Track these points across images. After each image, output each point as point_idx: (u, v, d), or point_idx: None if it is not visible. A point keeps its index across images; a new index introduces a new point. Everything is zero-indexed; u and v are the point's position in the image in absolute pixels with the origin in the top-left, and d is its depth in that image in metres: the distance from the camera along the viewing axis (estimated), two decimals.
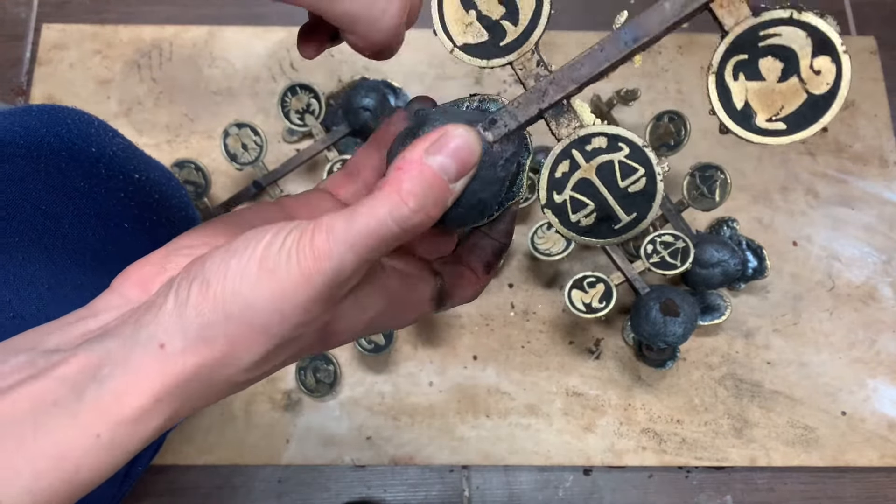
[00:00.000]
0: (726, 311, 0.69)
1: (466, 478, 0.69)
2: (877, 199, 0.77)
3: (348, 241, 0.24)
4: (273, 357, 0.26)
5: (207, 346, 0.25)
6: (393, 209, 0.24)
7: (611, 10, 0.90)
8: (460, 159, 0.25)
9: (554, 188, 0.29)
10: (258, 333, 0.25)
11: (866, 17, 0.85)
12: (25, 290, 0.39)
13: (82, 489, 0.24)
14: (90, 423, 0.24)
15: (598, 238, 0.29)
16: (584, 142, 0.29)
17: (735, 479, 0.70)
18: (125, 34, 0.80)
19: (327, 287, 0.24)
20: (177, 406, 0.25)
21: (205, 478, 0.68)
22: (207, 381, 0.25)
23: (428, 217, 0.25)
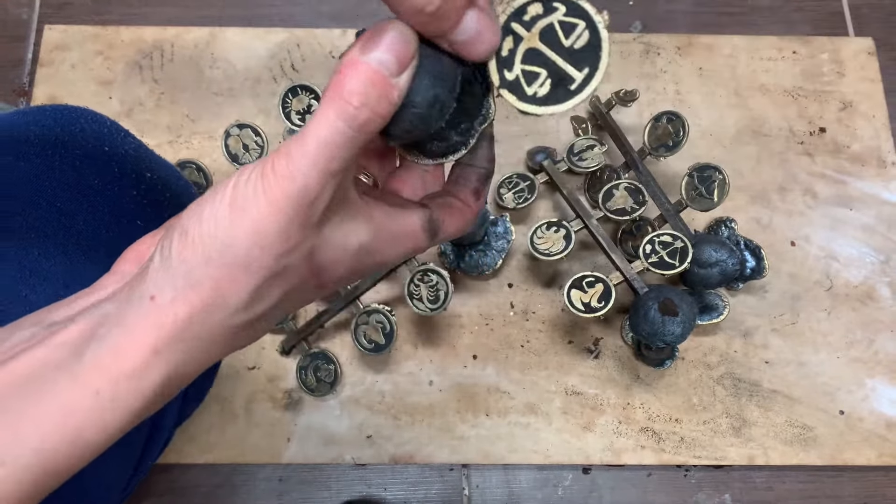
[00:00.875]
0: (725, 310, 0.69)
1: (466, 476, 0.69)
2: (875, 200, 0.78)
3: (306, 157, 0.24)
4: (264, 294, 0.26)
5: (195, 291, 0.25)
6: (339, 112, 0.24)
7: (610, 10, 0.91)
8: (396, 51, 0.25)
9: (504, 67, 0.29)
10: (240, 271, 0.25)
11: (864, 18, 0.86)
12: (41, 286, 0.40)
13: (89, 450, 0.25)
14: (90, 382, 0.24)
15: (559, 103, 0.29)
16: (521, 13, 0.29)
17: (733, 478, 0.70)
18: (126, 35, 0.81)
19: (298, 209, 0.24)
20: (177, 359, 0.25)
21: (206, 477, 0.68)
22: (203, 329, 0.26)
23: (375, 114, 0.25)
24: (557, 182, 0.70)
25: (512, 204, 0.71)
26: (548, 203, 0.77)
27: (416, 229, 0.30)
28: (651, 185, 0.69)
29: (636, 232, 0.73)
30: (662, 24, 0.85)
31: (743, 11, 0.86)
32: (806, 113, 0.81)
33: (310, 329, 0.68)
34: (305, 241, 0.26)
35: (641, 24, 0.85)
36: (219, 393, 0.69)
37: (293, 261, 0.26)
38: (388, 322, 0.66)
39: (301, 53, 0.81)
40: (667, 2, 0.86)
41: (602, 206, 0.68)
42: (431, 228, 0.31)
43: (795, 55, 0.83)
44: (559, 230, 0.67)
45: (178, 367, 0.26)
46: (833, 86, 0.82)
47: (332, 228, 0.27)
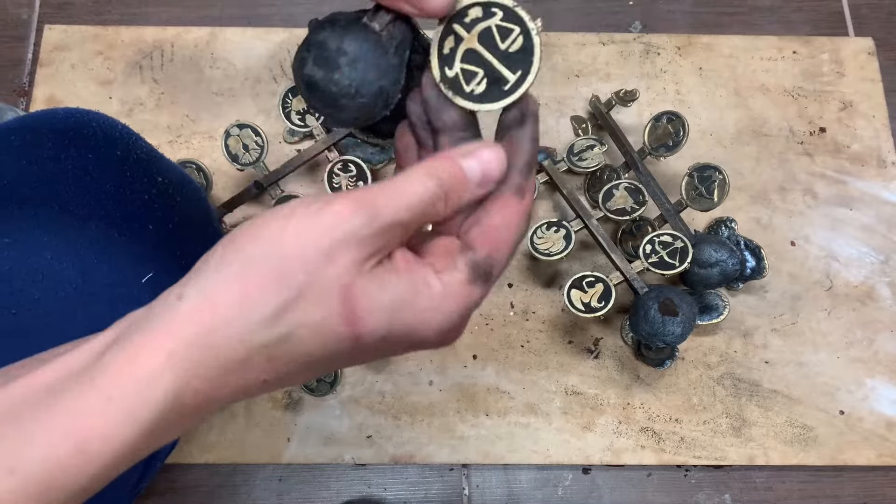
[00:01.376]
0: (725, 310, 0.69)
1: (466, 476, 0.69)
2: (875, 200, 0.78)
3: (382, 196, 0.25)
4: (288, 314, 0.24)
5: (223, 294, 0.24)
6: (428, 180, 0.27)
7: (610, 10, 0.91)
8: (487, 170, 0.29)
9: (445, 64, 0.31)
10: (271, 279, 0.24)
11: (864, 18, 0.86)
12: (53, 289, 0.40)
13: (97, 464, 0.23)
14: (104, 386, 0.23)
15: (493, 101, 0.31)
16: (463, 15, 0.31)
17: (733, 478, 0.70)
18: (127, 35, 0.81)
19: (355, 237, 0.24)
20: (190, 369, 0.24)
21: (206, 477, 0.68)
22: (221, 339, 0.24)
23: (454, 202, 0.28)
24: (557, 182, 0.70)
25: None
26: (548, 203, 0.77)
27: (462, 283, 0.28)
28: (651, 185, 0.69)
29: (636, 232, 0.73)
30: (662, 24, 0.85)
31: (743, 11, 0.86)
32: (806, 113, 0.81)
33: None
34: (346, 273, 0.25)
35: (641, 24, 0.85)
36: None
37: (327, 287, 0.25)
38: None
39: None
40: (667, 2, 0.86)
41: (602, 206, 0.68)
42: (480, 273, 0.29)
43: (795, 55, 0.83)
44: (559, 230, 0.67)
45: (191, 380, 0.24)
46: (833, 86, 0.82)
47: (372, 276, 0.26)
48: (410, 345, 0.28)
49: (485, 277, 0.29)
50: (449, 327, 0.28)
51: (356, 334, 0.26)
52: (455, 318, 0.28)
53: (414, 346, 0.28)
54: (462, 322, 0.29)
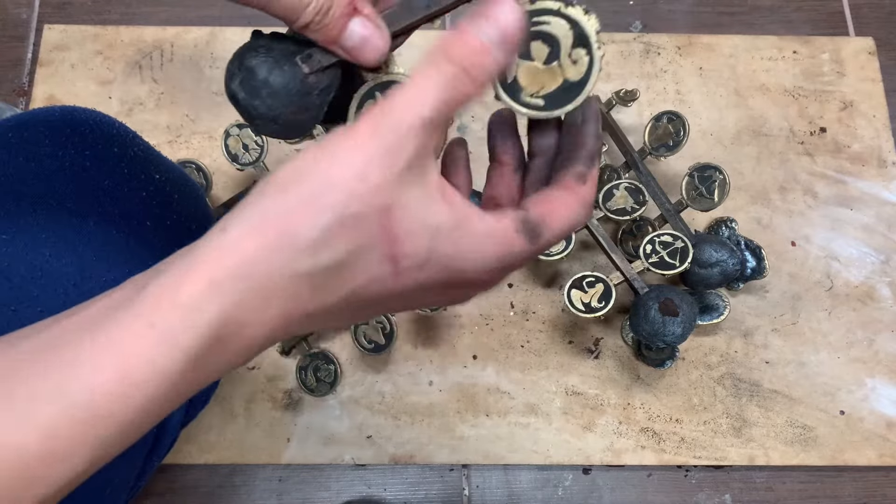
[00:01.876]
0: (725, 310, 0.69)
1: (466, 477, 0.69)
2: (875, 200, 0.78)
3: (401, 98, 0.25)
4: (332, 240, 0.24)
5: (265, 223, 0.24)
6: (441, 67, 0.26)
7: (610, 10, 0.91)
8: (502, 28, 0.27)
9: None
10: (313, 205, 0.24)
11: (864, 18, 0.86)
12: (52, 285, 0.40)
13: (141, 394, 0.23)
14: (146, 313, 0.23)
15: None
16: (385, 86, 0.33)
17: (734, 478, 0.70)
18: (126, 35, 0.81)
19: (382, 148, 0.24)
20: (234, 300, 0.24)
21: (206, 477, 0.68)
22: (267, 268, 0.24)
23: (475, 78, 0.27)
24: None
25: None
26: None
27: (507, 229, 0.27)
28: (651, 184, 0.69)
29: (636, 232, 0.73)
30: (662, 24, 0.85)
31: (743, 11, 0.86)
32: (806, 113, 0.80)
33: None
34: (382, 190, 0.24)
35: (641, 23, 0.85)
36: (219, 393, 0.69)
37: (366, 209, 0.24)
38: (388, 322, 0.66)
39: None
40: (667, 2, 0.86)
41: (602, 206, 0.67)
42: (528, 228, 0.28)
43: (796, 55, 0.83)
44: None
45: (235, 311, 0.24)
46: (833, 86, 0.82)
47: (411, 195, 0.25)
48: (450, 281, 0.27)
49: (532, 234, 0.28)
50: (487, 269, 0.28)
51: (395, 254, 0.26)
52: (494, 263, 0.28)
53: (453, 285, 0.28)
54: (502, 270, 0.28)
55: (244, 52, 0.33)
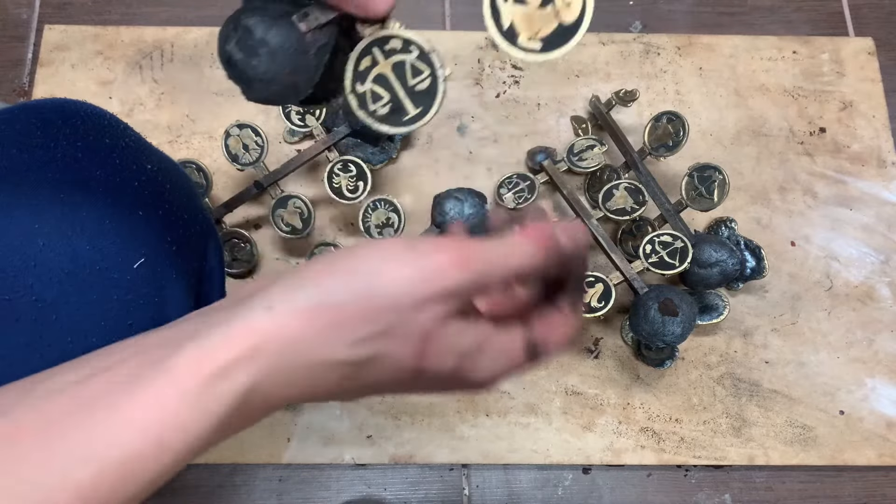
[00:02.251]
0: (725, 310, 0.69)
1: (466, 476, 0.69)
2: (875, 200, 0.78)
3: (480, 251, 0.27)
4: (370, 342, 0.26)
5: (322, 310, 0.25)
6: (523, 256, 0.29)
7: (610, 10, 0.91)
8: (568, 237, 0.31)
9: (357, 79, 0.34)
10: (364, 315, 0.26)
11: (864, 19, 0.86)
12: (46, 275, 0.40)
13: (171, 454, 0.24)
14: (181, 379, 0.24)
15: (391, 125, 0.34)
16: (384, 41, 0.33)
17: (733, 478, 0.70)
18: (126, 35, 0.81)
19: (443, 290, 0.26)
20: (268, 373, 0.25)
21: (206, 477, 0.68)
22: (308, 352, 0.25)
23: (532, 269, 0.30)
24: (557, 182, 0.70)
25: (512, 204, 0.71)
26: (548, 203, 0.77)
27: (516, 347, 0.31)
28: (651, 185, 0.69)
29: (636, 232, 0.73)
30: (662, 24, 0.85)
31: (743, 11, 0.86)
32: (806, 113, 0.81)
33: None
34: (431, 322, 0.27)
35: (641, 24, 0.85)
36: None
37: (411, 329, 0.27)
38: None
39: None
40: (667, 2, 0.86)
41: (602, 206, 0.68)
42: (532, 351, 0.31)
43: (795, 55, 0.83)
44: None
45: (265, 383, 0.25)
46: (833, 86, 0.82)
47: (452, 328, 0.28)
48: (458, 385, 0.31)
49: (533, 355, 0.31)
50: (491, 381, 0.31)
51: (421, 369, 0.28)
52: (499, 376, 0.31)
53: (457, 388, 0.31)
54: (501, 380, 0.32)
55: (240, 13, 0.33)
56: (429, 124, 0.74)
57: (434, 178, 0.77)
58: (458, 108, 0.79)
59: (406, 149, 0.78)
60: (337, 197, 0.67)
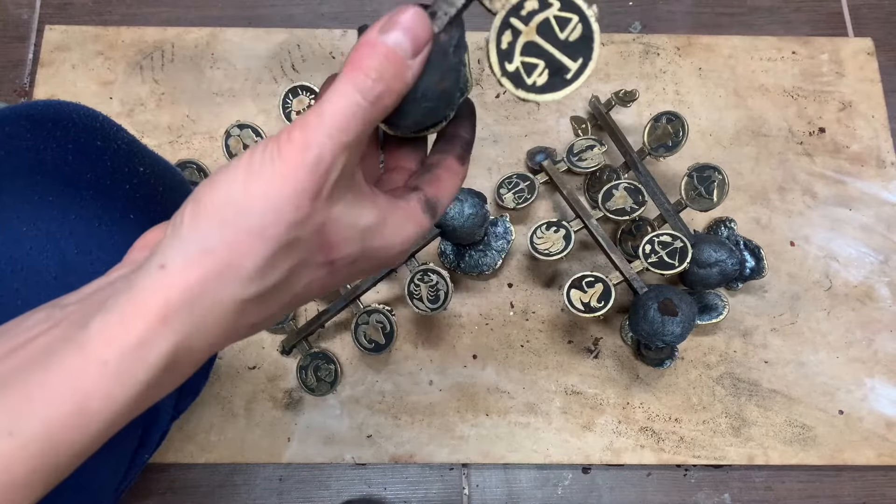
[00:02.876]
0: (724, 310, 0.69)
1: (466, 476, 0.69)
2: (874, 200, 0.78)
3: (322, 127, 0.25)
4: (276, 264, 0.26)
5: (208, 257, 0.25)
6: (357, 85, 0.26)
7: (609, 11, 0.91)
8: (412, 33, 0.27)
9: (504, 59, 0.31)
10: (255, 236, 0.25)
11: (863, 19, 0.86)
12: (33, 279, 0.40)
13: (95, 424, 0.24)
14: (97, 352, 0.24)
15: (556, 91, 0.31)
16: (519, 8, 0.31)
17: (733, 478, 0.70)
18: (127, 36, 0.81)
19: (311, 178, 0.25)
20: (185, 330, 0.25)
21: (206, 476, 0.69)
22: (214, 299, 0.25)
23: (390, 90, 0.27)
24: (557, 182, 0.70)
25: (512, 204, 0.71)
26: (548, 203, 0.77)
27: (417, 212, 0.31)
28: (651, 185, 0.69)
29: (636, 232, 0.73)
30: (662, 25, 0.85)
31: (742, 12, 0.86)
32: (805, 113, 0.81)
33: (310, 329, 0.68)
34: (316, 213, 0.26)
35: (641, 24, 0.85)
36: (219, 392, 0.70)
37: (304, 233, 0.26)
38: (388, 322, 0.66)
39: (301, 54, 0.81)
40: (666, 2, 0.87)
41: (602, 206, 0.68)
42: (430, 207, 0.32)
43: (795, 55, 0.83)
44: (559, 230, 0.67)
45: (186, 340, 0.25)
46: (832, 86, 0.82)
47: (342, 207, 0.28)
48: (375, 265, 0.31)
49: (432, 211, 0.32)
50: (405, 247, 0.32)
51: (331, 259, 0.28)
52: (410, 240, 0.31)
53: (376, 266, 0.32)
54: (413, 243, 0.32)
55: None
56: None
57: None
58: None
59: None
60: None
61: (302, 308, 0.72)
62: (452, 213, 0.64)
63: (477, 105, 0.80)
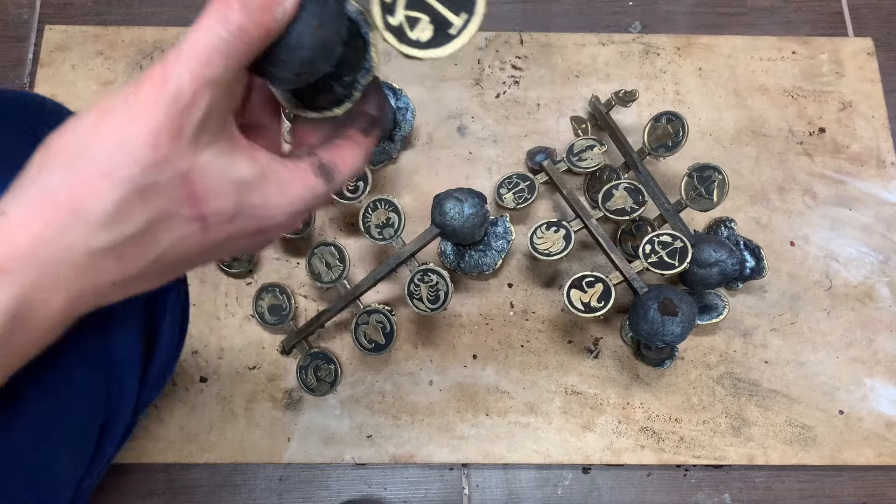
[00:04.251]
0: (724, 310, 0.69)
1: (466, 476, 0.69)
2: (874, 200, 0.78)
3: (181, 60, 0.24)
4: (131, 212, 0.24)
5: (50, 202, 0.23)
6: (218, 17, 0.24)
7: (609, 11, 0.91)
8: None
9: (387, 12, 0.30)
10: (101, 178, 0.23)
11: (863, 19, 0.86)
12: None
13: None
14: None
15: (440, 47, 0.30)
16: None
17: (733, 478, 0.70)
18: (127, 35, 0.81)
19: (169, 115, 0.23)
20: (30, 281, 0.23)
21: (206, 476, 0.69)
22: (60, 247, 0.23)
23: (255, 22, 0.25)
24: (557, 182, 0.70)
25: (512, 204, 0.71)
26: (547, 203, 0.77)
27: (307, 173, 0.30)
28: (651, 185, 0.69)
29: (636, 232, 0.73)
30: (662, 25, 0.85)
31: (742, 12, 0.86)
32: (805, 113, 0.81)
33: (310, 329, 0.68)
34: (178, 157, 0.24)
35: (641, 24, 0.85)
36: (219, 392, 0.70)
37: (164, 178, 0.24)
38: (389, 322, 0.66)
39: None
40: (666, 2, 0.87)
41: (602, 206, 0.68)
42: (324, 171, 0.30)
43: (795, 55, 0.83)
44: (559, 230, 0.67)
45: (34, 292, 0.23)
46: (832, 86, 0.82)
47: (210, 154, 0.26)
48: (260, 228, 0.29)
49: (327, 176, 0.30)
50: (293, 212, 0.29)
51: (201, 214, 0.26)
52: (299, 205, 0.29)
53: (264, 231, 0.29)
54: (305, 210, 0.30)
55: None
56: (429, 124, 0.75)
57: (434, 178, 0.77)
58: (458, 108, 0.79)
59: (406, 149, 0.78)
60: (337, 197, 0.67)
61: (302, 308, 0.72)
62: (452, 213, 0.64)
63: (477, 105, 0.80)
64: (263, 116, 0.33)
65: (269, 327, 0.71)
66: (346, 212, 0.76)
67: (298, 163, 0.30)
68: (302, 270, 0.74)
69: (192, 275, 0.73)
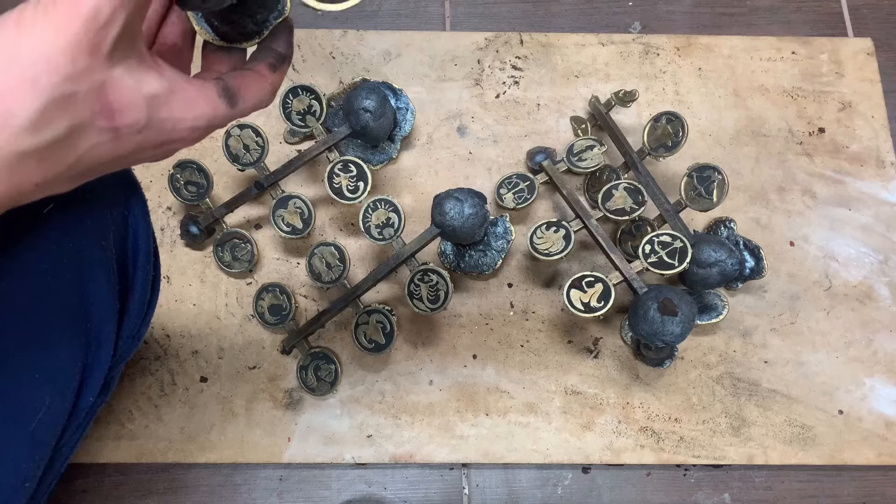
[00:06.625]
0: (724, 310, 0.70)
1: (466, 476, 0.69)
2: (874, 200, 0.78)
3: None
4: (52, 119, 0.25)
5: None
6: None
7: (609, 11, 0.91)
8: None
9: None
10: (25, 85, 0.25)
11: (863, 19, 0.86)
12: None
13: None
14: None
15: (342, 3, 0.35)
16: None
17: (733, 478, 0.70)
18: None
19: (87, 31, 0.25)
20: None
21: (206, 476, 0.69)
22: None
23: None
24: (557, 182, 0.70)
25: (512, 204, 0.71)
26: (547, 203, 0.77)
27: (212, 93, 0.32)
28: (650, 185, 0.69)
29: (635, 232, 0.73)
30: (662, 25, 0.85)
31: (742, 12, 0.87)
32: (805, 113, 0.81)
33: (310, 328, 0.68)
34: (94, 70, 0.26)
35: (641, 24, 0.85)
36: (219, 392, 0.70)
37: (82, 88, 0.26)
38: (388, 322, 0.66)
39: (301, 54, 0.81)
40: (666, 2, 0.87)
41: (601, 207, 0.68)
42: (228, 94, 0.33)
43: (794, 56, 0.83)
44: (559, 230, 0.67)
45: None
46: (832, 86, 0.82)
47: (123, 70, 0.27)
48: (164, 140, 0.31)
49: (231, 99, 0.33)
50: (196, 128, 0.32)
51: (115, 125, 0.28)
52: (203, 122, 0.32)
53: (167, 143, 0.32)
54: (207, 129, 0.33)
55: None
56: (429, 124, 0.75)
57: (434, 178, 0.77)
58: (457, 109, 0.79)
59: (406, 149, 0.78)
60: (337, 197, 0.67)
61: (302, 308, 0.72)
62: (452, 213, 0.64)
63: (477, 105, 0.80)
64: (178, 39, 0.36)
65: (270, 327, 0.71)
66: (346, 212, 0.76)
67: (205, 83, 0.32)
68: (302, 270, 0.74)
69: (192, 275, 0.73)
